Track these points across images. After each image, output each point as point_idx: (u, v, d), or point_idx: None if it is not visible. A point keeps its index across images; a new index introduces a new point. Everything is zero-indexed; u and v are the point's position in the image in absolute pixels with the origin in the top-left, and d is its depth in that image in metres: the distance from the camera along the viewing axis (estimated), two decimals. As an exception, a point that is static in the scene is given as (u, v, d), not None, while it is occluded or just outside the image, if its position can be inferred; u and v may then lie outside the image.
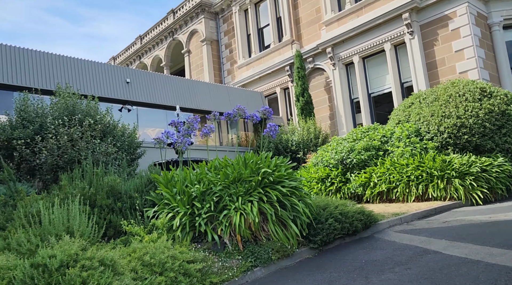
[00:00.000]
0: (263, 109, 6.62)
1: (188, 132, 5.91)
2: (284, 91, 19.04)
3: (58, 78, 10.31)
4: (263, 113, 6.60)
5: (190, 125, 5.96)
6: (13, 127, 7.30)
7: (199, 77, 23.11)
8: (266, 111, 6.59)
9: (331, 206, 6.46)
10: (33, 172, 7.20)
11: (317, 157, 11.87)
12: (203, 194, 5.87)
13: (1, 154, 7.23)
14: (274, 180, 5.87)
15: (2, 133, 7.16)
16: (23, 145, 7.01)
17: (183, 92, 13.91)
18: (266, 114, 6.60)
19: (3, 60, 9.66)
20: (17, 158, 7.16)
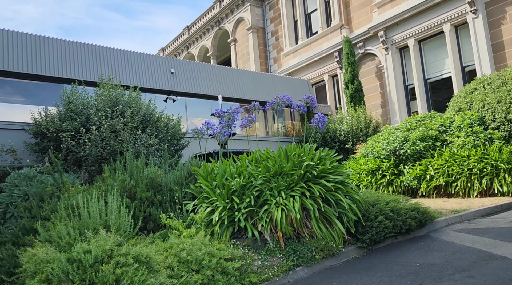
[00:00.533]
0: (306, 98, 6.23)
1: (229, 123, 5.69)
2: (333, 78, 18.33)
3: (103, 70, 10.55)
4: (305, 101, 6.21)
5: (231, 116, 5.74)
6: (61, 119, 7.51)
7: (245, 66, 22.93)
8: (308, 99, 6.19)
9: (382, 202, 5.98)
10: (79, 163, 7.39)
11: (367, 148, 11.25)
12: (243, 188, 5.65)
13: (51, 145, 7.48)
14: (317, 174, 5.50)
15: (51, 125, 7.39)
16: (69, 137, 7.18)
17: (227, 82, 13.77)
18: (309, 103, 6.20)
19: (54, 54, 10.03)
20: (64, 149, 7.36)
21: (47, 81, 9.80)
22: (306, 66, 19.11)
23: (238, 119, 6.49)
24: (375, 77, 16.20)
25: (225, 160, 6.30)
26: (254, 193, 5.50)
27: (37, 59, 9.72)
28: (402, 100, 15.01)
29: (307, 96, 6.26)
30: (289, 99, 6.23)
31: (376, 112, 15.98)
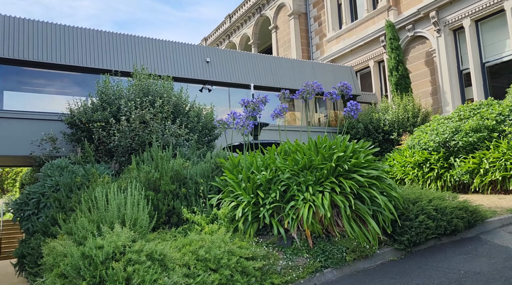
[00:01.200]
0: (340, 85, 5.80)
1: (253, 113, 5.41)
2: (379, 64, 17.41)
3: (138, 59, 10.61)
4: (340, 89, 5.78)
5: (255, 106, 5.45)
6: (94, 110, 7.61)
7: (286, 53, 22.44)
8: (343, 87, 5.75)
9: (424, 200, 5.46)
10: (111, 154, 7.47)
11: (413, 139, 10.51)
12: (270, 182, 5.37)
13: (84, 135, 7.61)
14: (349, 168, 5.09)
15: (83, 115, 7.51)
16: (100, 127, 7.25)
17: (264, 70, 13.43)
18: (343, 90, 5.76)
19: (90, 44, 10.23)
20: (96, 140, 7.45)
21: (84, 72, 10.03)
22: (350, 52, 18.30)
23: (263, 109, 6.18)
24: (425, 63, 15.14)
25: (252, 152, 6.05)
26: (280, 187, 5.21)
27: (73, 50, 9.96)
28: (456, 87, 13.90)
29: (342, 83, 5.82)
30: (319, 86, 5.83)
31: (425, 100, 14.96)
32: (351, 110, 6.22)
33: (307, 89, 5.76)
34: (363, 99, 16.45)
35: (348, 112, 6.23)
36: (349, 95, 5.81)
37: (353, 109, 6.22)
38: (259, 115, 5.79)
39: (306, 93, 5.95)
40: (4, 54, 9.35)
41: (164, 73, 10.70)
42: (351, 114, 6.22)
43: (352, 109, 6.22)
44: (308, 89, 5.91)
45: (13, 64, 9.63)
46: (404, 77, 14.47)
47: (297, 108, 20.45)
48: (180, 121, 8.00)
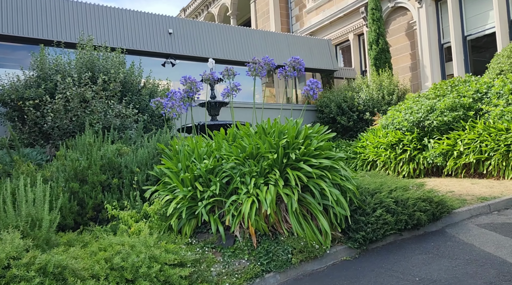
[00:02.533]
0: (291, 60, 5.11)
1: (190, 94, 4.70)
2: (359, 37, 16.64)
3: (88, 29, 9.65)
4: (291, 64, 5.09)
5: (192, 85, 4.73)
6: (26, 86, 6.79)
7: (265, 26, 21.43)
8: (294, 62, 5.07)
9: (384, 191, 4.91)
10: (47, 137, 6.72)
11: (387, 118, 9.96)
12: (212, 172, 4.74)
13: (15, 115, 6.81)
14: (298, 157, 4.48)
15: (14, 93, 6.69)
16: (32, 106, 6.47)
17: (234, 43, 12.56)
18: (295, 66, 5.08)
19: (33, 12, 9.21)
20: (29, 120, 6.68)
21: (25, 43, 9.07)
22: (330, 24, 17.44)
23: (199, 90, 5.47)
24: (406, 36, 14.43)
25: (198, 137, 5.38)
26: (222, 179, 4.59)
27: (12, 18, 8.96)
28: (436, 61, 13.29)
29: (293, 58, 5.13)
30: (269, 61, 5.12)
31: (404, 76, 14.36)
32: (310, 88, 5.58)
33: (255, 66, 5.05)
34: (341, 75, 15.76)
35: (307, 91, 5.59)
36: (302, 72, 5.13)
37: (313, 88, 5.58)
38: (198, 95, 5.09)
39: (254, 70, 5.24)
40: None
41: (120, 45, 9.80)
42: (310, 93, 5.58)
43: (312, 88, 5.58)
44: (257, 66, 5.20)
45: None
46: (384, 51, 13.79)
47: (276, 84, 19.70)
48: (128, 100, 7.23)
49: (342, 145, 11.31)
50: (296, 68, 5.17)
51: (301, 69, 5.20)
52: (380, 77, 12.71)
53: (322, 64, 14.54)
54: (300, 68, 5.19)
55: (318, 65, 14.44)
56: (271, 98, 19.78)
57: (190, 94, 4.72)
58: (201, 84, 5.12)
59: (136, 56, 10.21)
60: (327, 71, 15.01)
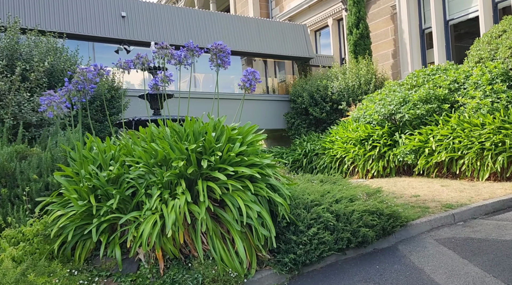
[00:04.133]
0: (215, 45, 4.31)
1: (80, 87, 3.87)
2: (338, 23, 15.77)
3: (22, 11, 8.70)
4: (213, 51, 4.30)
5: (84, 74, 3.87)
6: None
7: (243, 11, 20.44)
8: (216, 49, 4.27)
9: (326, 202, 4.17)
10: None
11: (359, 110, 9.22)
12: (117, 182, 3.96)
13: None
14: (212, 165, 3.72)
15: None
16: None
17: (195, 27, 11.62)
18: (218, 53, 4.29)
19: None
20: None
21: None
22: (308, 8, 16.53)
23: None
24: (388, 20, 13.61)
25: (108, 138, 4.58)
26: (124, 191, 3.82)
27: None
28: (416, 48, 12.51)
29: (216, 44, 4.33)
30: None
31: (385, 63, 13.57)
32: (247, 80, 4.78)
33: (161, 54, 4.24)
34: (320, 63, 14.94)
35: (243, 83, 4.79)
36: (228, 62, 4.34)
37: (249, 79, 4.78)
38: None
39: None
40: None
41: (64, 30, 8.90)
42: (247, 85, 4.78)
43: (249, 79, 4.78)
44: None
45: None
46: (364, 36, 12.96)
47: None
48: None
49: (312, 139, 10.58)
50: (219, 56, 4.36)
51: (221, 56, 4.38)
52: (358, 65, 11.92)
53: (297, 51, 13.71)
54: (222, 55, 4.37)
55: (292, 53, 13.61)
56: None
57: (80, 87, 3.89)
58: (108, 71, 4.32)
59: (84, 41, 9.31)
60: (302, 59, 14.18)
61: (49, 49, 7.30)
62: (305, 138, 11.05)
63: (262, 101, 12.88)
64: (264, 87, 17.79)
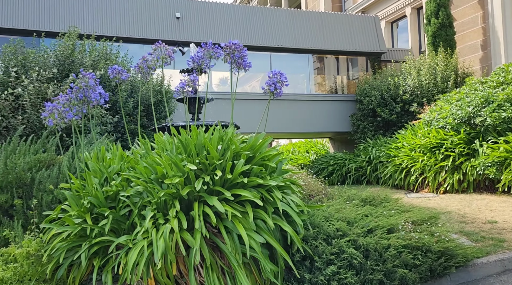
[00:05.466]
0: (228, 45, 3.82)
1: (80, 96, 3.60)
2: (418, 12, 14.27)
3: (77, 18, 9.02)
4: (226, 51, 3.81)
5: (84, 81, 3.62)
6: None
7: (314, 5, 19.66)
8: (230, 48, 3.78)
9: (353, 233, 3.45)
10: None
11: (432, 112, 8.05)
12: (115, 199, 3.69)
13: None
14: (210, 188, 3.24)
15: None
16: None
17: (253, 25, 11.18)
18: (229, 52, 3.80)
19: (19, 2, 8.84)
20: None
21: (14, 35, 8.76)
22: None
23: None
24: (475, 5, 11.89)
25: (145, 141, 4.35)
26: (120, 211, 3.53)
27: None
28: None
29: (231, 43, 3.83)
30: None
31: (472, 56, 11.88)
32: (272, 83, 4.25)
33: (162, 56, 3.85)
34: (393, 57, 13.63)
35: (268, 87, 4.26)
36: (245, 64, 3.83)
37: (274, 83, 4.25)
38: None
39: (197, 63, 4.04)
40: None
41: (116, 34, 9.10)
42: (271, 89, 4.25)
43: (273, 82, 4.25)
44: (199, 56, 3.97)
45: None
46: (445, 26, 11.48)
47: (327, 70, 17.95)
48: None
49: (379, 144, 9.54)
50: (233, 57, 3.84)
51: (238, 59, 3.85)
52: (434, 59, 10.55)
53: (366, 46, 12.62)
54: (237, 56, 3.84)
55: (360, 47, 12.57)
56: (322, 85, 18.13)
57: (81, 95, 3.63)
58: (127, 75, 4.06)
59: (137, 44, 9.45)
60: (372, 54, 13.03)
61: (101, 55, 7.44)
62: (370, 142, 10.05)
63: (327, 102, 12.08)
64: (333, 86, 16.88)
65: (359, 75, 15.55)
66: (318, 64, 17.58)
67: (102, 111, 6.45)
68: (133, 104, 7.26)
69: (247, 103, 10.46)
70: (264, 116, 4.54)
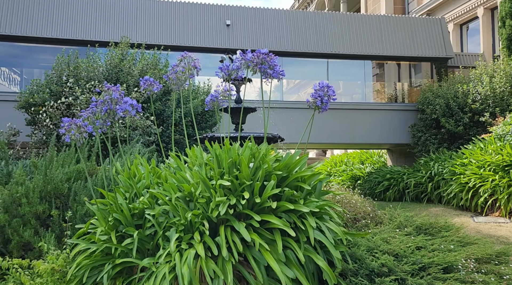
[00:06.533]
0: (256, 54, 3.54)
1: (105, 108, 3.48)
2: (492, 12, 13.08)
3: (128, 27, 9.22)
4: (254, 61, 3.53)
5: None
6: (38, 90, 6.60)
7: (374, 8, 18.87)
8: (258, 58, 3.50)
9: (400, 271, 2.99)
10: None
11: (506, 125, 7.20)
12: (142, 218, 3.54)
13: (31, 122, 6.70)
14: (239, 210, 2.98)
15: (27, 97, 6.58)
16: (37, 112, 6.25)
17: (303, 31, 10.78)
18: (259, 63, 3.52)
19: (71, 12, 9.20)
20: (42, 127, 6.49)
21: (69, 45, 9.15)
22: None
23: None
24: (561, 4, 10.59)
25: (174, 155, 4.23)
26: (144, 231, 3.37)
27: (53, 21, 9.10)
28: None
29: (259, 52, 3.55)
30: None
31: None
32: (319, 96, 3.95)
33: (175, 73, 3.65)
34: (462, 63, 12.57)
35: (313, 100, 3.97)
36: (275, 73, 3.53)
37: (321, 96, 3.95)
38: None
39: (226, 74, 3.83)
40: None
41: (166, 42, 9.22)
42: (317, 103, 3.95)
43: (320, 95, 3.95)
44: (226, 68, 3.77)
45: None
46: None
47: (387, 77, 17.11)
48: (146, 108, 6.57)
49: (442, 159, 8.73)
50: (260, 68, 3.55)
51: (267, 69, 3.54)
52: (511, 65, 9.52)
53: (429, 51, 11.75)
54: (265, 67, 3.54)
55: (423, 52, 11.72)
56: (381, 93, 17.30)
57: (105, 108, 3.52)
58: None
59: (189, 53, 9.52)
60: (437, 59, 12.10)
61: (150, 65, 7.53)
62: (432, 156, 9.24)
63: (385, 111, 11.39)
64: (394, 93, 16.01)
65: (423, 82, 14.57)
66: (378, 70, 16.78)
67: (147, 122, 6.45)
68: (179, 114, 7.23)
69: (299, 112, 10.12)
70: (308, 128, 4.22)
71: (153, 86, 4.10)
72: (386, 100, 14.34)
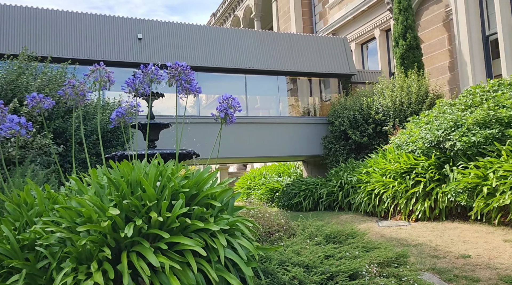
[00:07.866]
0: (174, 66, 3.43)
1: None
2: (386, 34, 14.35)
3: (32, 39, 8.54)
4: (171, 73, 3.42)
5: None
6: None
7: (286, 27, 19.68)
8: (178, 70, 3.39)
9: (309, 282, 3.00)
10: None
11: (402, 135, 7.81)
12: (34, 249, 3.14)
13: None
14: (143, 231, 2.77)
15: None
16: None
17: (218, 47, 10.88)
18: (176, 75, 3.41)
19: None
20: None
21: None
22: (353, 20, 15.30)
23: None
24: (442, 28, 11.99)
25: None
26: (40, 261, 2.98)
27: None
28: (479, 59, 10.75)
29: (177, 64, 3.45)
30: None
31: (440, 78, 11.90)
32: (223, 109, 3.86)
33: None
34: (364, 79, 13.56)
35: (218, 113, 3.88)
36: (192, 88, 3.43)
37: (226, 108, 3.87)
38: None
39: (132, 87, 3.63)
40: None
41: (76, 56, 8.61)
42: (221, 115, 3.87)
43: (224, 108, 3.87)
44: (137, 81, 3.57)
45: None
46: (412, 48, 11.47)
47: (300, 92, 17.77)
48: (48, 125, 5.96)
49: (351, 168, 9.23)
50: (179, 80, 3.45)
51: (184, 83, 3.46)
52: (407, 80, 10.45)
53: (336, 67, 12.51)
54: (183, 79, 3.45)
55: (330, 69, 12.44)
56: (295, 107, 17.95)
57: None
58: None
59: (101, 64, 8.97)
60: (343, 76, 12.93)
61: (51, 79, 6.93)
62: (342, 166, 9.74)
63: (298, 124, 11.78)
64: (307, 107, 16.71)
65: (332, 97, 15.42)
66: (292, 85, 17.43)
67: (43, 141, 5.89)
68: (85, 132, 6.73)
69: (217, 127, 10.01)
70: (216, 143, 4.15)
71: (43, 103, 3.73)
72: (301, 114, 14.91)
